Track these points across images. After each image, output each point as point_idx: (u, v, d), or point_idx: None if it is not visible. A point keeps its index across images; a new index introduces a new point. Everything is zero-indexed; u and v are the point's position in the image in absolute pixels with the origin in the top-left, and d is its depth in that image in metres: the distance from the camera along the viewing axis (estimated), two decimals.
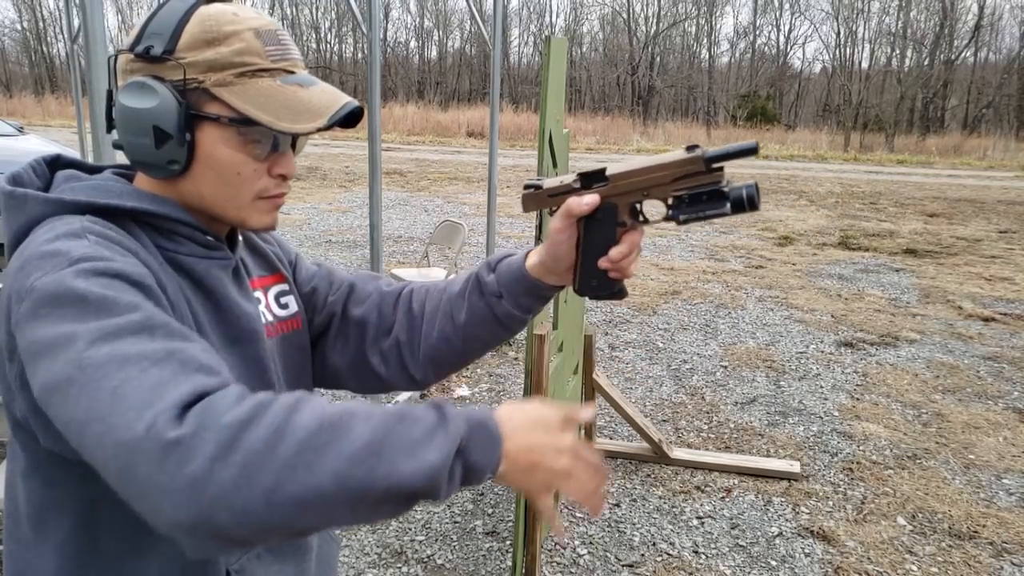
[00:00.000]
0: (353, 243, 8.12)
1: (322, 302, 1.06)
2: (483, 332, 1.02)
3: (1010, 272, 7.51)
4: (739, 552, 2.75)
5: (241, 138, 0.83)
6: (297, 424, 0.62)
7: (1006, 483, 3.30)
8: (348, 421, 0.64)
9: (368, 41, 3.44)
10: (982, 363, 4.82)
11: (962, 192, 13.87)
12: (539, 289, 0.98)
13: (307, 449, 0.61)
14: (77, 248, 0.73)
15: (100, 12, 1.95)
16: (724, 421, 3.88)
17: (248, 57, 0.81)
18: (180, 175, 0.84)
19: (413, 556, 2.68)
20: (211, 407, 0.62)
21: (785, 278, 7.08)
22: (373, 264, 3.61)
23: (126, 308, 0.69)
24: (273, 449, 0.60)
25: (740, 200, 0.84)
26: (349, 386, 1.09)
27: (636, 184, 0.90)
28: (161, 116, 0.80)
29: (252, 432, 0.61)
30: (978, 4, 31.71)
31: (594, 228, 0.92)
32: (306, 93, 0.83)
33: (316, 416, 0.63)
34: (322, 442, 0.62)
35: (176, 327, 0.71)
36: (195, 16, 0.81)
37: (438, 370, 1.06)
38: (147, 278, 0.75)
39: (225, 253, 0.90)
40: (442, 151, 19.99)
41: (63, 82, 34.02)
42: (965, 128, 29.49)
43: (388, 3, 38.19)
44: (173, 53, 0.80)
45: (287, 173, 0.88)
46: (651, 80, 35.59)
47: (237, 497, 0.59)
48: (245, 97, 0.81)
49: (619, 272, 0.92)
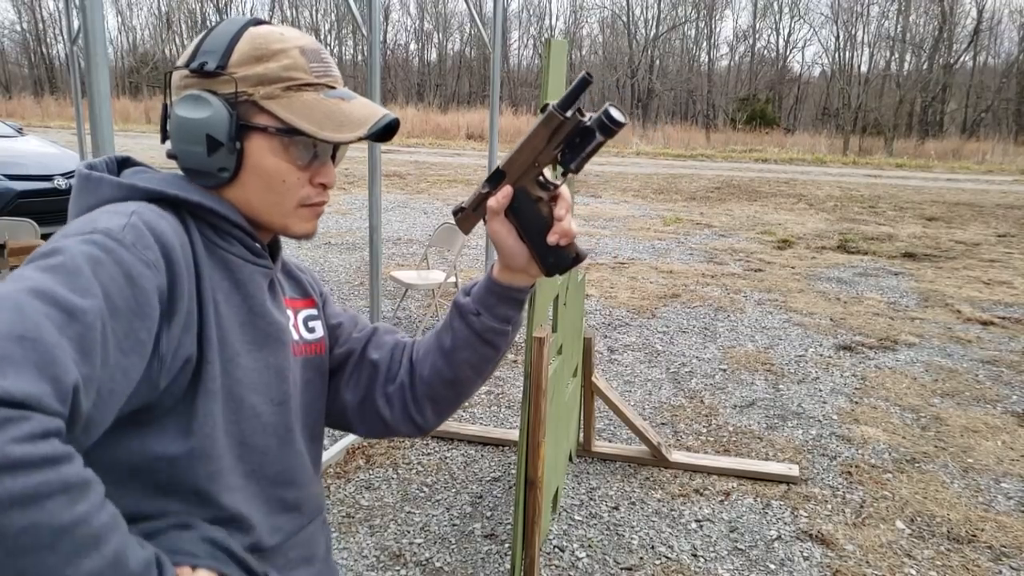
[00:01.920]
0: (352, 245, 8.12)
1: (345, 337, 1.11)
2: (469, 354, 1.05)
3: (1009, 276, 7.51)
4: (738, 556, 2.75)
5: (286, 148, 0.89)
6: (51, 508, 0.57)
7: (1005, 487, 3.30)
8: (95, 542, 0.60)
9: (368, 43, 3.44)
10: (981, 367, 4.82)
11: (961, 196, 13.89)
12: (510, 292, 1.02)
13: (42, 546, 0.57)
14: (109, 221, 0.77)
15: (100, 13, 1.95)
16: (723, 424, 3.88)
17: (294, 72, 0.88)
18: (229, 182, 0.90)
19: (411, 559, 2.68)
20: (16, 421, 0.57)
21: (784, 281, 7.08)
22: (372, 266, 3.61)
23: (78, 289, 0.68)
24: (19, 510, 0.55)
25: (603, 124, 0.89)
26: (355, 427, 1.13)
27: (525, 161, 0.95)
28: (214, 125, 0.86)
29: (17, 478, 0.56)
30: (977, 8, 31.88)
31: (521, 214, 0.98)
32: (347, 106, 0.90)
33: (73, 517, 0.59)
34: (39, 547, 0.57)
35: (96, 338, 0.68)
36: (246, 35, 0.88)
37: (435, 407, 1.10)
38: (148, 281, 0.75)
39: (267, 263, 0.95)
40: (442, 153, 20.00)
41: (62, 83, 34.03)
42: (964, 132, 29.51)
43: (388, 5, 38.23)
44: (225, 68, 0.87)
45: (328, 182, 0.94)
46: (650, 83, 35.62)
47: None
48: (291, 109, 0.88)
49: (564, 236, 0.96)
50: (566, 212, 0.95)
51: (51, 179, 6.59)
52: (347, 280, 6.68)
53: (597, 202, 11.98)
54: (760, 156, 21.72)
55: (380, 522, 2.90)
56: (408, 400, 1.09)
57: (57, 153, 7.38)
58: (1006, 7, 45.07)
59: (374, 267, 3.63)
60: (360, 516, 2.94)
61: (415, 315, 5.66)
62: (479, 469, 3.35)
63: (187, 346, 0.82)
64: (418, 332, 5.20)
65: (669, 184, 14.60)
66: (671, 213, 11.07)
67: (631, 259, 7.93)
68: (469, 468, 3.36)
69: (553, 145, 0.92)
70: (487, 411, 3.97)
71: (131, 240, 0.76)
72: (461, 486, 3.20)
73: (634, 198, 12.65)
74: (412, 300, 5.96)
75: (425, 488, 3.17)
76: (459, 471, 3.33)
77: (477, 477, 3.28)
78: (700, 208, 11.73)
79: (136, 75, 36.67)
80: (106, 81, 1.97)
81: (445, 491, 3.15)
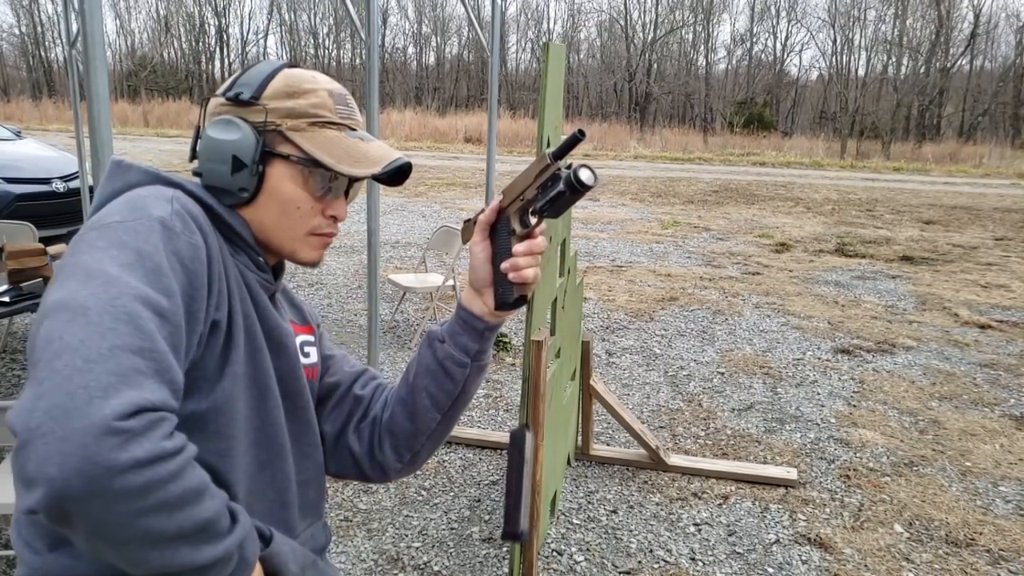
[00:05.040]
0: (351, 248, 8.12)
1: (336, 368, 1.15)
2: (428, 381, 1.07)
3: (1006, 279, 7.52)
4: (736, 559, 2.75)
5: (305, 177, 0.96)
6: (189, 476, 0.72)
7: (1003, 490, 3.30)
8: (203, 495, 0.73)
9: (366, 47, 3.45)
10: (978, 370, 4.82)
11: (958, 199, 13.92)
12: (471, 320, 1.05)
13: (182, 501, 0.70)
14: (159, 209, 0.83)
15: (99, 17, 1.95)
16: (721, 428, 3.88)
17: (321, 110, 0.96)
18: (247, 203, 0.96)
19: (410, 563, 2.68)
20: (159, 423, 0.69)
21: (782, 285, 7.09)
22: (370, 269, 3.60)
23: (164, 290, 0.77)
24: (166, 485, 0.69)
25: (569, 180, 0.92)
26: (327, 461, 1.13)
27: (515, 192, 1.00)
28: (241, 148, 0.93)
29: (168, 463, 0.69)
30: (974, 12, 31.90)
31: (496, 239, 1.03)
32: (365, 145, 0.98)
33: (198, 479, 0.73)
34: (188, 501, 0.71)
35: (181, 335, 0.78)
36: (280, 74, 0.97)
37: (392, 440, 1.11)
38: (200, 264, 0.83)
39: (270, 278, 1.01)
40: (440, 157, 20.01)
41: (61, 87, 34.01)
42: (961, 135, 29.58)
43: (386, 9, 38.29)
44: (259, 99, 0.95)
45: (338, 215, 1.01)
46: (648, 87, 35.67)
47: (116, 499, 0.65)
48: (314, 142, 0.95)
49: (513, 270, 1.00)
50: (525, 252, 1.00)
51: (49, 182, 6.58)
52: (345, 283, 6.68)
53: (595, 205, 11.99)
54: (758, 160, 21.75)
55: (378, 526, 2.90)
56: (374, 435, 1.12)
57: (55, 156, 7.37)
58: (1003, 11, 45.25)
59: (372, 270, 3.63)
60: (358, 520, 2.93)
61: (413, 318, 5.66)
62: (477, 473, 3.35)
63: (220, 321, 0.88)
64: (416, 335, 5.20)
65: (667, 187, 14.62)
66: (669, 216, 11.08)
67: (629, 262, 7.93)
68: (467, 472, 3.35)
69: (536, 185, 0.97)
70: (485, 414, 3.97)
71: (180, 227, 0.83)
72: (459, 490, 3.20)
73: (632, 201, 12.67)
74: (410, 303, 5.96)
75: (423, 492, 3.16)
76: (457, 475, 3.32)
77: (475, 481, 3.28)
78: (698, 211, 11.75)
79: (134, 78, 36.67)
80: (104, 84, 1.97)
81: (443, 495, 3.15)
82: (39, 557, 0.86)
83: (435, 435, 1.10)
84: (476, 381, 1.09)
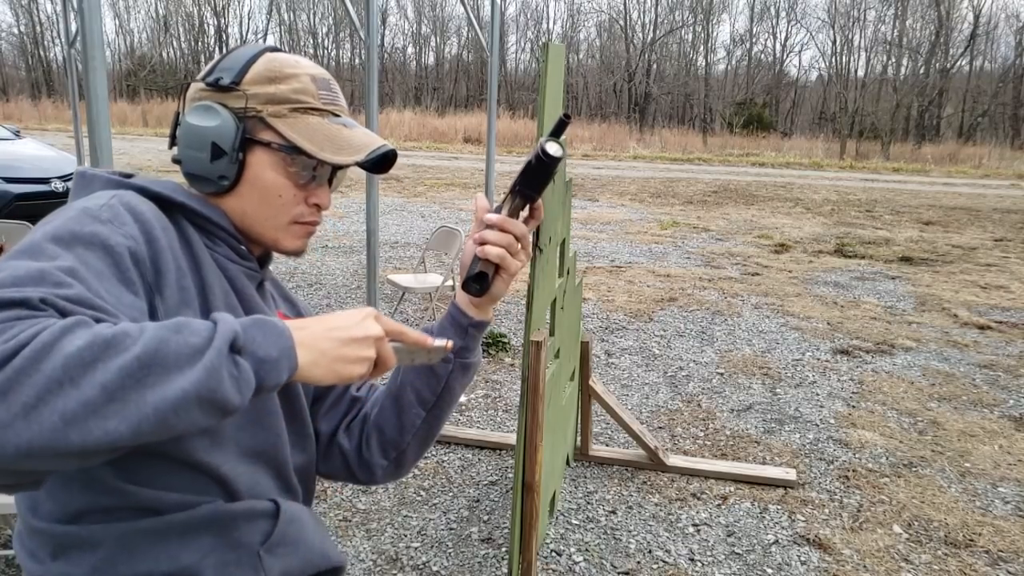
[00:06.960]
0: (350, 248, 8.12)
1: None
2: (413, 377, 1.07)
3: (1005, 280, 7.53)
4: (735, 560, 2.75)
5: (286, 165, 0.93)
6: (66, 342, 0.62)
7: (1002, 491, 3.30)
8: (122, 338, 0.64)
9: (366, 47, 3.44)
10: (978, 371, 4.82)
11: (957, 200, 13.92)
12: (459, 315, 1.04)
13: (74, 365, 0.61)
14: (89, 203, 0.81)
15: (98, 16, 1.95)
16: (720, 428, 3.88)
17: (303, 96, 0.93)
18: (228, 191, 0.94)
19: (408, 563, 2.67)
20: (17, 318, 0.63)
21: (781, 285, 7.09)
22: (370, 269, 3.60)
23: (63, 256, 0.73)
24: (36, 366, 0.60)
25: (536, 152, 0.95)
26: (318, 461, 1.13)
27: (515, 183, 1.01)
28: (220, 135, 0.91)
29: (23, 352, 0.61)
30: (973, 13, 31.91)
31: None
32: (349, 132, 0.95)
33: (88, 334, 0.63)
34: (91, 358, 0.62)
35: (85, 296, 0.71)
36: (262, 58, 0.94)
37: (379, 437, 1.09)
38: (122, 248, 0.78)
39: (254, 266, 0.99)
40: (439, 157, 20.01)
41: (60, 86, 34.00)
42: (960, 136, 29.61)
43: (386, 9, 38.29)
44: (239, 85, 0.92)
45: (322, 204, 0.98)
46: (648, 87, 35.68)
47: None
48: (296, 129, 0.92)
49: (481, 250, 0.97)
50: (496, 224, 0.97)
51: (48, 182, 6.59)
52: (344, 283, 6.67)
53: (594, 206, 11.99)
54: (757, 160, 21.76)
55: (377, 526, 2.90)
56: (363, 432, 1.11)
57: (54, 156, 7.38)
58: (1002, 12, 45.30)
59: (371, 270, 3.63)
60: (357, 520, 2.93)
61: (412, 318, 5.65)
62: (476, 473, 3.34)
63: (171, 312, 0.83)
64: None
65: (666, 188, 14.62)
66: (668, 217, 11.08)
67: (628, 263, 7.93)
68: (466, 472, 3.35)
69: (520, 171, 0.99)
70: (484, 415, 3.97)
71: (107, 217, 0.79)
72: (458, 490, 3.19)
73: (631, 202, 12.67)
74: (409, 303, 5.95)
75: (422, 492, 3.16)
76: (456, 475, 3.32)
77: (474, 481, 3.28)
78: (697, 212, 11.75)
79: (133, 78, 36.66)
80: (103, 84, 1.97)
81: (442, 495, 3.15)
82: (42, 567, 0.86)
83: (420, 434, 1.09)
84: (461, 380, 1.08)
